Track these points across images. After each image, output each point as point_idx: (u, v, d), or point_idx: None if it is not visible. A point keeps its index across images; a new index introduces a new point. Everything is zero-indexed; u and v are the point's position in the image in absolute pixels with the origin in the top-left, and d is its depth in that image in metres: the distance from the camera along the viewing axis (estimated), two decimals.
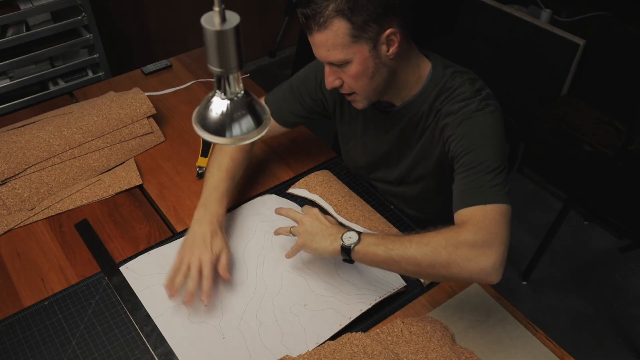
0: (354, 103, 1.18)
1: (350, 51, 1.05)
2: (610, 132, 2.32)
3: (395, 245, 1.01)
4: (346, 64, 1.07)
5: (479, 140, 1.07)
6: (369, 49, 1.05)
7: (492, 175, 1.03)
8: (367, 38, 1.04)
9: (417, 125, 1.20)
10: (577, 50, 2.36)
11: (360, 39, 1.04)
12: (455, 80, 1.13)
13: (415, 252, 0.99)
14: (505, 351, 1.08)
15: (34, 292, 1.17)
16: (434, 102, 1.15)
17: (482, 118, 1.08)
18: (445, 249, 0.97)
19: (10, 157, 1.35)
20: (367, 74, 1.09)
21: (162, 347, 1.06)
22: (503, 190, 1.03)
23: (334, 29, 1.02)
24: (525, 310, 1.19)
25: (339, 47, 1.04)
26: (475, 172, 1.04)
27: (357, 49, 1.05)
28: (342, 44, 1.04)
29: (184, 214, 1.33)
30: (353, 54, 1.05)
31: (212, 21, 0.65)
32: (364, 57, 1.06)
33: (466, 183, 1.05)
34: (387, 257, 1.01)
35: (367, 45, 1.05)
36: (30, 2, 2.07)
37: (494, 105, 1.11)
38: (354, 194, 1.36)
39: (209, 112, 0.74)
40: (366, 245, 1.03)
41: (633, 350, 2.06)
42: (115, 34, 2.64)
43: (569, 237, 2.42)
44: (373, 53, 1.06)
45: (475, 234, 0.97)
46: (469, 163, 1.06)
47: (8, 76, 2.18)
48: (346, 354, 1.03)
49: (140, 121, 1.48)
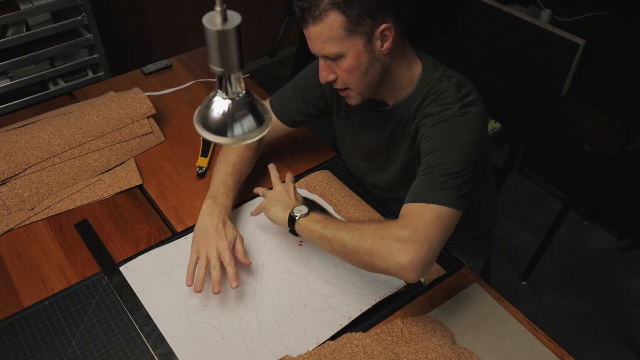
0: (348, 99, 1.19)
1: (345, 45, 1.06)
2: (610, 132, 2.32)
3: (332, 225, 1.08)
4: (340, 58, 1.08)
5: (446, 142, 1.06)
6: (363, 43, 1.06)
7: (446, 178, 1.02)
8: (361, 32, 1.04)
9: (404, 129, 1.20)
10: (577, 50, 2.36)
11: (354, 33, 1.04)
12: (442, 84, 1.13)
13: (345, 235, 1.04)
14: (505, 351, 1.08)
15: (34, 292, 1.17)
16: (419, 106, 1.15)
17: (457, 123, 1.07)
18: (372, 237, 1.00)
19: (10, 157, 1.35)
20: (360, 68, 1.09)
21: (162, 347, 1.06)
22: (453, 195, 1.01)
23: (329, 22, 1.03)
24: (525, 310, 1.19)
25: (333, 40, 1.05)
26: (431, 172, 1.04)
27: (351, 43, 1.06)
28: (336, 37, 1.05)
29: (184, 214, 1.33)
30: (347, 47, 1.06)
31: (214, 21, 0.65)
32: (358, 51, 1.07)
33: (419, 180, 1.06)
34: (321, 235, 1.08)
35: (362, 39, 1.05)
36: (30, 2, 2.06)
37: (475, 112, 1.09)
38: (354, 194, 1.36)
39: (210, 112, 0.74)
40: (309, 220, 1.11)
41: (633, 350, 2.06)
42: (115, 34, 2.64)
43: (569, 237, 2.42)
44: (367, 47, 1.07)
45: (403, 228, 0.99)
46: (428, 162, 1.06)
47: (8, 76, 2.18)
48: (346, 354, 1.03)
49: (140, 121, 1.48)
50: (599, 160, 2.27)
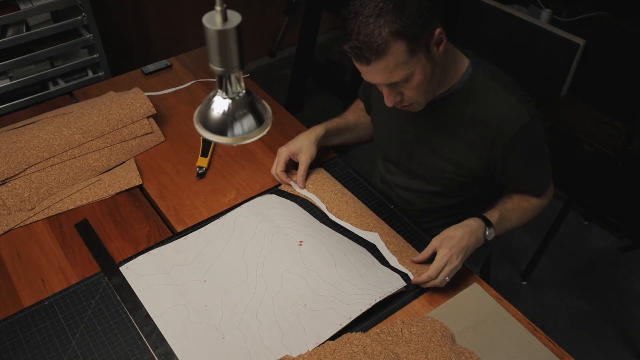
0: (411, 108, 1.17)
1: (411, 65, 1.04)
2: (610, 132, 2.32)
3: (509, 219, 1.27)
4: (408, 79, 1.06)
5: None
6: (425, 55, 1.04)
7: None
8: (422, 46, 1.03)
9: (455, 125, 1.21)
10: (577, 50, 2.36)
11: (417, 51, 1.03)
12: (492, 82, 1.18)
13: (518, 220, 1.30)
14: (505, 351, 1.08)
15: (34, 292, 1.17)
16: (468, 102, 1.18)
17: None
18: None
19: (10, 157, 1.34)
20: (426, 80, 1.08)
21: (162, 347, 1.06)
22: None
23: (393, 53, 1.00)
24: (525, 310, 1.19)
25: (401, 67, 1.03)
26: None
27: (416, 61, 1.04)
28: (403, 63, 1.02)
29: (184, 214, 1.33)
30: (414, 66, 1.04)
31: (214, 20, 0.65)
32: (423, 65, 1.05)
33: None
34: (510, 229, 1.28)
35: (423, 52, 1.04)
36: (30, 2, 2.06)
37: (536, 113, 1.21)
38: (346, 191, 1.37)
39: (210, 112, 0.74)
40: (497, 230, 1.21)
41: (633, 350, 2.06)
42: (115, 34, 2.64)
43: (569, 237, 2.42)
44: (429, 58, 1.06)
45: None
46: None
47: (8, 76, 2.18)
48: (346, 354, 1.03)
49: (140, 121, 1.48)
50: (599, 160, 2.27)
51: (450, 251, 1.12)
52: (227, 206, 1.35)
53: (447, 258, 1.12)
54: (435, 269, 1.12)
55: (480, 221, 1.18)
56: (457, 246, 1.13)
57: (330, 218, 1.31)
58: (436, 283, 1.13)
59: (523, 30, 2.51)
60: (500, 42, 2.60)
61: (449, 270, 1.12)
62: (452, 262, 1.12)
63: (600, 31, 2.40)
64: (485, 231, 1.18)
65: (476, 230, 1.16)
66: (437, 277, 1.12)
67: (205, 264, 1.21)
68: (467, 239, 1.14)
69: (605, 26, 2.41)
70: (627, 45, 2.33)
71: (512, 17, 2.53)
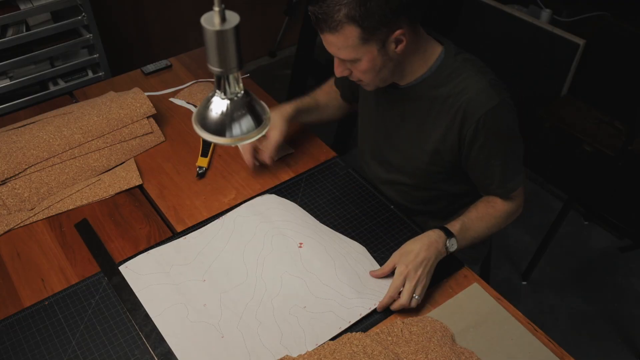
0: (364, 86, 1.23)
1: (360, 52, 1.08)
2: (610, 132, 2.32)
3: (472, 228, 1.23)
4: (355, 61, 1.11)
5: None
6: (378, 48, 1.08)
7: None
8: (376, 40, 1.06)
9: (427, 109, 1.22)
10: (577, 50, 2.36)
11: (369, 42, 1.06)
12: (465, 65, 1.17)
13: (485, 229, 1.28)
14: (505, 351, 1.08)
15: (34, 292, 1.17)
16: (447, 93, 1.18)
17: None
18: None
19: (10, 157, 1.35)
20: (375, 69, 1.12)
21: (162, 347, 1.06)
22: None
23: (344, 33, 1.05)
24: (525, 310, 1.19)
25: (349, 48, 1.07)
26: None
27: (366, 50, 1.08)
28: (352, 46, 1.07)
29: (184, 214, 1.33)
30: (362, 53, 1.08)
31: (212, 21, 0.65)
32: (373, 56, 1.09)
33: None
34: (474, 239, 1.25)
35: (376, 45, 1.07)
36: (30, 2, 2.06)
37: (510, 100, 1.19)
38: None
39: (209, 112, 0.74)
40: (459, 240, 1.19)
41: (633, 350, 2.06)
42: (115, 34, 2.64)
43: (569, 237, 2.42)
44: (381, 52, 1.09)
45: None
46: None
47: (8, 76, 2.18)
48: (346, 354, 1.03)
49: (140, 121, 1.48)
50: (599, 160, 2.26)
51: (406, 267, 1.10)
52: (227, 206, 1.35)
53: (404, 275, 1.09)
54: (395, 287, 1.09)
55: (439, 232, 1.16)
56: (414, 262, 1.10)
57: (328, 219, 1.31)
58: (404, 303, 1.09)
59: (523, 30, 2.51)
60: (501, 43, 2.60)
61: (412, 287, 1.09)
62: (411, 279, 1.09)
63: (600, 31, 2.40)
64: (446, 242, 1.15)
65: (435, 241, 1.14)
66: (402, 297, 1.10)
67: (204, 264, 1.21)
68: (425, 251, 1.11)
69: (605, 26, 2.41)
70: (627, 45, 2.33)
71: (512, 17, 2.53)
